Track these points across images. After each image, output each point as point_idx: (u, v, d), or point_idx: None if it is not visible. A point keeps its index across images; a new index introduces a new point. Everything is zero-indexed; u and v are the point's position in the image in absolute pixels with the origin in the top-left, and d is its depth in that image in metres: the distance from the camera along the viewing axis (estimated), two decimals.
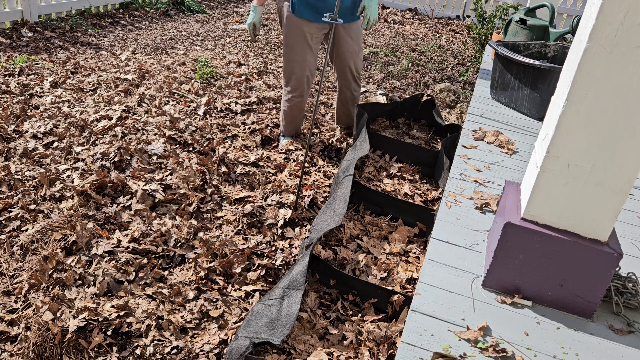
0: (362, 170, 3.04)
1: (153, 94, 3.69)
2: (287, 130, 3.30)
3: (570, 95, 1.40)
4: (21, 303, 1.89)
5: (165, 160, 2.85)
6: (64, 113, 3.20)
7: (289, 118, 3.24)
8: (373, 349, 1.82)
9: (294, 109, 3.18)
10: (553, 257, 1.56)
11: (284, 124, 3.29)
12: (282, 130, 3.33)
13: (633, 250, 2.02)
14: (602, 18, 1.30)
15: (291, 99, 3.12)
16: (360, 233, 2.48)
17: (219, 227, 2.45)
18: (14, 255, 2.10)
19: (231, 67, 4.66)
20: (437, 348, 1.44)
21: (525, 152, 2.77)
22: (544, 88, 3.09)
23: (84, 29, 5.44)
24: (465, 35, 7.10)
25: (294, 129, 3.30)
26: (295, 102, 3.14)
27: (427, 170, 3.12)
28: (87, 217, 2.33)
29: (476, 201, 2.20)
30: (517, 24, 4.26)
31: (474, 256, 1.84)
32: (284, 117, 3.25)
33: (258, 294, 2.08)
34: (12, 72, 3.78)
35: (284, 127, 3.30)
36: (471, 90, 4.74)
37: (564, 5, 7.35)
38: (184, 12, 6.86)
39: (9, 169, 2.58)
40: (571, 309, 1.62)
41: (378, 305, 2.02)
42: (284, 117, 3.25)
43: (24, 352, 1.70)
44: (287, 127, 3.29)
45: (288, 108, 3.18)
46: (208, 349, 1.81)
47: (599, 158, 1.44)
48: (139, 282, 2.04)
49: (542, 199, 1.54)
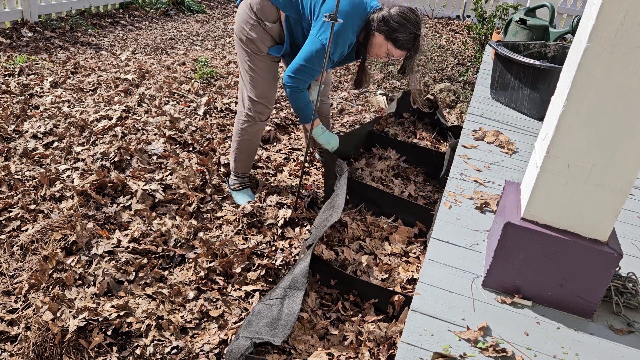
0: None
1: (153, 94, 3.69)
2: (244, 165, 2.69)
3: (570, 95, 1.40)
4: (21, 303, 1.89)
5: (165, 160, 2.85)
6: (64, 113, 3.20)
7: (249, 149, 2.64)
8: (373, 349, 1.82)
9: (258, 133, 2.63)
10: (553, 257, 1.56)
11: (244, 157, 2.66)
12: (238, 170, 2.69)
13: (633, 250, 2.02)
14: (602, 18, 1.30)
15: (256, 119, 2.55)
16: (362, 234, 2.48)
17: (219, 227, 2.45)
18: (14, 255, 2.10)
19: (231, 67, 4.66)
20: (437, 348, 1.44)
21: (525, 152, 2.77)
22: (544, 88, 3.09)
23: (84, 29, 5.43)
24: (465, 35, 7.10)
25: (250, 164, 2.73)
26: (261, 123, 2.60)
27: (432, 170, 3.13)
28: (87, 217, 2.33)
29: (476, 201, 2.20)
30: (517, 24, 4.26)
31: (474, 256, 1.84)
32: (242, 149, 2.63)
33: (258, 294, 2.08)
34: (12, 72, 3.77)
35: (243, 161, 2.66)
36: (471, 90, 4.74)
37: (564, 5, 7.34)
38: (184, 12, 6.86)
39: (9, 169, 2.58)
40: (571, 309, 1.62)
41: (378, 305, 2.02)
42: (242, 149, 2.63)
43: (24, 352, 1.70)
44: (246, 162, 2.69)
45: (251, 135, 2.60)
46: (208, 349, 1.81)
47: (599, 158, 1.44)
48: (139, 282, 2.04)
49: (542, 199, 1.54)
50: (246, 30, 2.37)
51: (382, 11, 2.29)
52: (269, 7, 2.33)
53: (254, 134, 2.60)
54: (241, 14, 2.39)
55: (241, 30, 2.40)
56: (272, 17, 2.35)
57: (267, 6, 2.33)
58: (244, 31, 2.38)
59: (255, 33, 2.37)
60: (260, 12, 2.33)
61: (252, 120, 2.55)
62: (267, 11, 2.34)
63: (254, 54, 2.41)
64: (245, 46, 2.40)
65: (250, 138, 2.60)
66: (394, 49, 2.34)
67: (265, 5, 2.33)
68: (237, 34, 2.43)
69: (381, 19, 2.27)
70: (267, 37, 2.39)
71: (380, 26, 2.27)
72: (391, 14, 2.26)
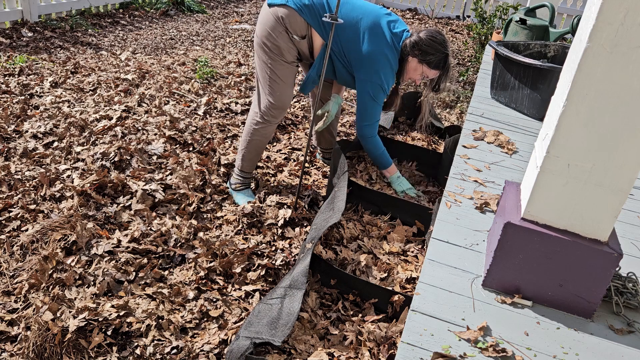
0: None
1: (153, 94, 3.69)
2: (250, 164, 2.70)
3: (570, 95, 1.40)
4: (21, 303, 1.89)
5: (165, 160, 2.85)
6: (64, 113, 3.20)
7: (258, 148, 2.66)
8: (373, 349, 1.82)
9: (269, 135, 2.64)
10: (553, 257, 1.56)
11: (252, 156, 2.67)
12: (244, 168, 2.69)
13: (633, 250, 2.02)
14: (602, 18, 1.30)
15: (270, 122, 2.57)
16: (360, 234, 2.48)
17: (219, 227, 2.45)
18: (14, 255, 2.10)
19: (231, 67, 4.66)
20: (437, 348, 1.44)
21: (525, 152, 2.77)
22: (544, 88, 3.09)
23: (84, 29, 5.43)
24: (465, 35, 7.10)
25: (256, 163, 2.73)
26: (274, 125, 2.61)
27: (430, 171, 3.13)
28: (87, 217, 2.33)
29: (476, 201, 2.20)
30: (517, 24, 4.26)
31: (474, 256, 1.84)
32: (251, 148, 2.64)
33: (258, 294, 2.08)
34: (12, 72, 3.77)
35: (251, 160, 2.67)
36: (471, 90, 4.74)
37: (564, 5, 7.35)
38: (184, 12, 6.86)
39: (9, 169, 2.58)
40: (571, 309, 1.62)
41: (378, 305, 2.02)
42: (251, 148, 2.64)
43: (24, 352, 1.70)
44: (254, 161, 2.70)
45: (262, 135, 2.61)
46: (208, 348, 1.81)
47: (599, 158, 1.44)
48: (139, 282, 2.04)
49: (542, 199, 1.54)
50: (273, 37, 2.37)
51: (413, 37, 2.47)
52: (301, 22, 2.36)
53: (265, 135, 2.61)
54: (268, 20, 2.38)
55: (267, 37, 2.38)
56: (300, 31, 2.38)
57: (296, 20, 2.35)
58: (271, 37, 2.38)
59: (282, 41, 2.38)
60: (290, 25, 2.35)
61: (267, 122, 2.56)
62: (295, 25, 2.36)
63: (277, 60, 2.42)
64: (271, 52, 2.40)
65: (260, 139, 2.61)
66: (428, 70, 2.53)
67: (296, 19, 2.35)
68: (261, 39, 2.41)
69: (414, 44, 2.46)
70: (292, 48, 2.42)
71: (414, 51, 2.47)
72: (422, 39, 2.45)
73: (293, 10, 2.33)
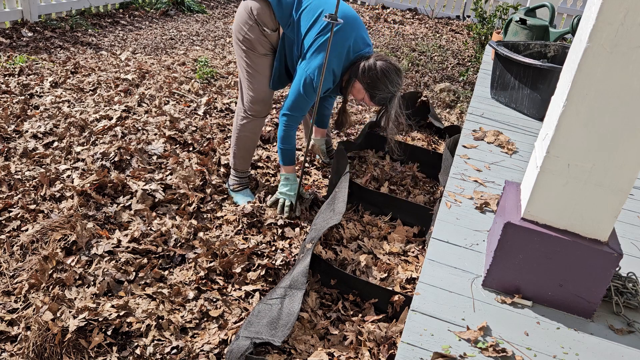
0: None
1: (153, 94, 3.69)
2: (243, 162, 2.69)
3: (570, 95, 1.40)
4: (21, 303, 1.89)
5: (165, 160, 2.85)
6: (64, 113, 3.20)
7: (248, 145, 2.64)
8: (373, 349, 1.82)
9: (257, 130, 2.63)
10: (553, 257, 1.56)
11: (243, 154, 2.66)
12: (237, 166, 2.68)
13: (633, 250, 2.02)
14: (602, 18, 1.30)
15: (255, 116, 2.56)
16: (360, 234, 2.48)
17: (219, 227, 2.45)
18: (14, 255, 2.10)
19: (231, 67, 4.66)
20: (437, 348, 1.44)
21: (525, 152, 2.77)
22: (544, 88, 3.09)
23: (84, 29, 5.43)
24: (465, 35, 7.10)
25: (249, 161, 2.72)
26: (260, 120, 2.59)
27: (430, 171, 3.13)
28: (87, 217, 2.33)
29: (476, 201, 2.20)
30: (517, 24, 4.26)
31: (474, 256, 1.84)
32: (241, 145, 2.64)
33: (258, 294, 2.08)
34: (12, 72, 3.77)
35: (242, 157, 2.66)
36: (471, 90, 4.74)
37: (564, 5, 7.35)
38: (184, 12, 6.86)
39: (9, 169, 2.58)
40: (571, 309, 1.62)
41: (378, 305, 2.02)
42: (241, 145, 2.64)
43: (24, 352, 1.70)
44: (246, 159, 2.68)
45: (250, 131, 2.60)
46: (208, 348, 1.81)
47: (599, 158, 1.44)
48: (139, 282, 2.04)
49: (542, 199, 1.54)
50: (244, 30, 2.38)
51: (369, 61, 2.30)
52: (269, 14, 2.33)
53: (252, 131, 2.60)
54: (241, 13, 2.40)
55: (239, 30, 2.40)
56: (270, 24, 2.36)
57: (266, 13, 2.33)
58: (242, 31, 2.39)
59: (253, 34, 2.37)
60: (259, 17, 2.34)
61: (251, 116, 2.56)
62: (265, 18, 2.34)
63: (251, 52, 2.42)
64: (243, 45, 2.41)
65: (249, 135, 2.61)
66: (369, 101, 2.39)
67: (265, 12, 2.33)
68: (235, 34, 2.44)
69: (365, 70, 2.29)
70: (265, 41, 2.40)
71: (361, 76, 2.30)
72: (375, 68, 2.28)
73: (263, 3, 2.33)
